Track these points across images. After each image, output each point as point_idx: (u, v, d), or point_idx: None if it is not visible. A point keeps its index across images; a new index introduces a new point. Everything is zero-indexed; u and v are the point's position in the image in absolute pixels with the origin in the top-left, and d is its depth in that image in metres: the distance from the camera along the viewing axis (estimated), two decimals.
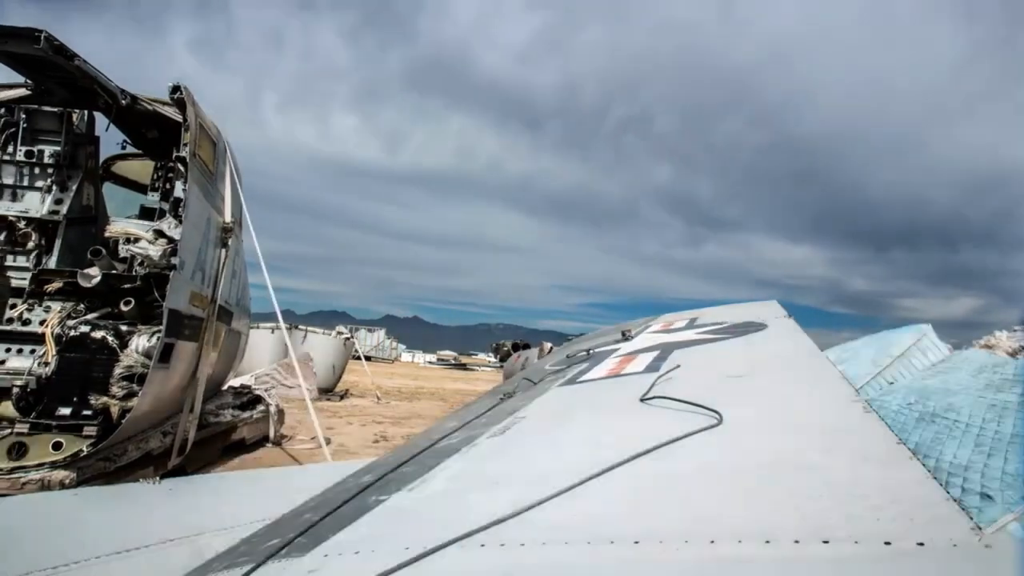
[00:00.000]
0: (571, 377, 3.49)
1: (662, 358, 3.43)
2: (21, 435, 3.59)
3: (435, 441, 2.55)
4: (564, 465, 1.82)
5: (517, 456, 2.00)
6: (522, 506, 1.42)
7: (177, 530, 2.71)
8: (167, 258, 4.11)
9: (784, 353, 3.12)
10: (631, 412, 2.31)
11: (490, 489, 1.66)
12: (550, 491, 1.51)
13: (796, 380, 2.43)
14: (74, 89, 4.66)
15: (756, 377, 2.59)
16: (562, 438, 2.15)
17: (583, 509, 1.39)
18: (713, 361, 3.13)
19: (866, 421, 1.75)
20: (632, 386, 2.87)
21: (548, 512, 1.39)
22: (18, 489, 3.42)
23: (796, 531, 1.09)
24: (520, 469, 1.82)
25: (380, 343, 45.26)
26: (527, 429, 2.35)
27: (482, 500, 1.59)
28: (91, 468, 3.82)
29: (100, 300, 4.51)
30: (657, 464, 1.65)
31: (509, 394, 3.39)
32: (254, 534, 2.08)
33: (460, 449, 2.19)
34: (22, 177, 4.96)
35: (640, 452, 1.69)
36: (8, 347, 4.36)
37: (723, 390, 2.40)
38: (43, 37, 3.85)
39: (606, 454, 1.82)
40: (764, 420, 1.96)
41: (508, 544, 1.22)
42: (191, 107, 4.21)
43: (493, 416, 2.77)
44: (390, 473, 2.11)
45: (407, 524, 1.50)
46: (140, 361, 3.82)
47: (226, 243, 5.04)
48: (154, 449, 4.48)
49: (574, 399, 2.91)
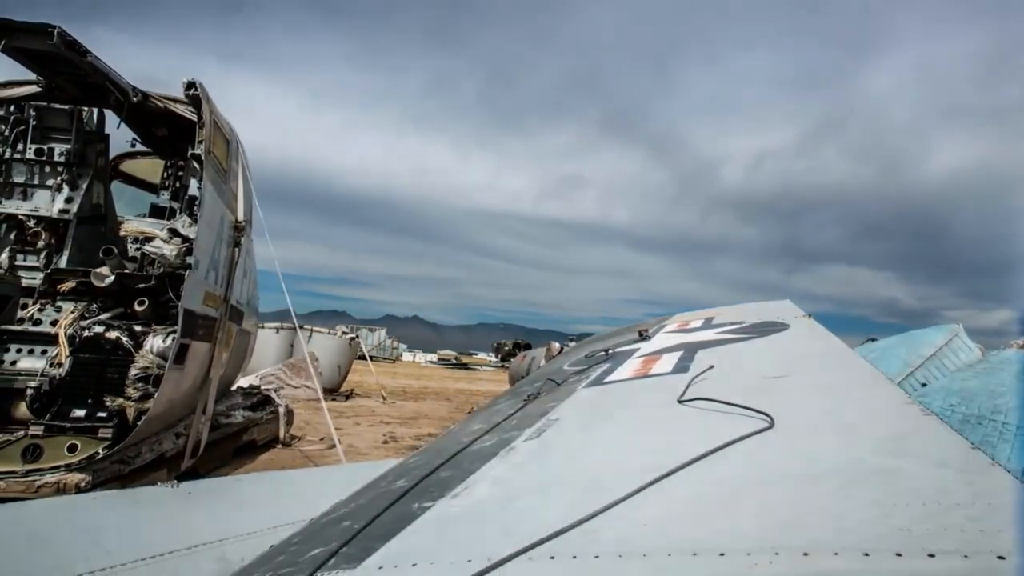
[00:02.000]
0: (596, 378, 3.42)
1: (688, 358, 3.36)
2: (36, 437, 3.53)
3: (466, 444, 2.48)
4: (615, 470, 1.75)
5: (561, 460, 1.94)
6: (583, 514, 1.35)
7: (200, 535, 2.65)
8: (182, 257, 4.05)
9: (817, 353, 3.05)
10: (671, 414, 2.24)
11: (541, 496, 1.60)
12: (608, 498, 1.44)
13: (838, 381, 2.36)
14: (85, 86, 4.61)
15: (795, 378, 2.52)
16: (604, 441, 2.08)
17: (650, 517, 1.33)
18: (745, 361, 3.06)
19: (929, 424, 1.68)
20: (664, 387, 2.80)
21: (613, 520, 1.32)
22: (33, 492, 3.36)
23: (895, 543, 1.03)
24: (569, 474, 1.75)
25: (381, 342, 45.26)
26: (564, 431, 2.29)
27: (535, 507, 1.52)
28: (106, 471, 3.76)
29: (113, 300, 4.45)
30: (715, 469, 1.58)
31: (534, 395, 3.32)
32: (287, 542, 2.01)
33: (497, 453, 2.12)
34: (32, 175, 4.91)
35: (696, 456, 1.62)
36: (20, 347, 4.30)
37: (763, 391, 2.33)
38: (56, 33, 3.79)
39: (656, 458, 1.75)
40: (818, 423, 1.89)
41: (580, 556, 1.15)
42: (206, 104, 4.14)
43: (523, 418, 2.70)
44: (427, 478, 2.04)
45: (461, 534, 1.43)
46: (156, 362, 3.75)
47: (238, 242, 4.98)
48: (167, 451, 4.42)
49: (605, 400, 2.84)
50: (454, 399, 16.59)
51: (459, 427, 3.45)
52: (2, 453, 3.40)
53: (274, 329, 13.21)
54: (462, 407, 14.51)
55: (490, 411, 3.46)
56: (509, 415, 2.91)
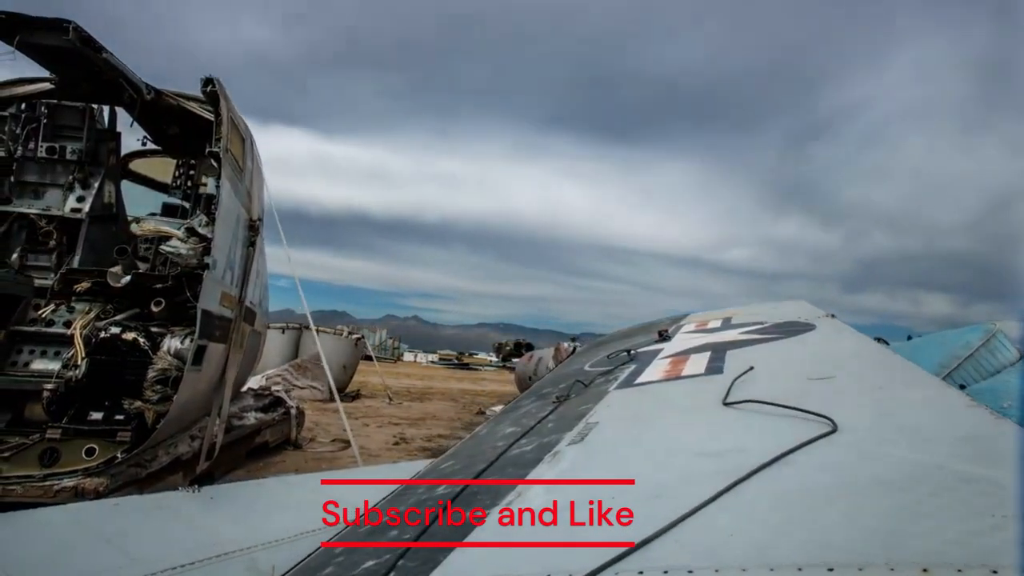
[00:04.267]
0: (625, 379, 3.35)
1: (718, 359, 3.29)
2: (53, 441, 3.45)
3: (503, 448, 2.41)
4: (677, 477, 1.68)
5: (614, 466, 1.86)
6: (660, 524, 1.28)
7: (227, 543, 2.57)
8: (199, 257, 3.98)
9: (856, 353, 2.98)
10: (719, 417, 2.17)
11: (602, 505, 1.52)
12: (678, 505, 1.37)
13: (891, 383, 2.29)
14: (98, 83, 4.53)
15: (841, 379, 2.45)
16: (654, 445, 2.01)
17: (731, 526, 1.26)
18: (782, 362, 2.99)
19: (1004, 427, 1.61)
20: (701, 389, 2.73)
21: (694, 530, 1.25)
22: (51, 497, 3.28)
23: (1007, 558, 0.96)
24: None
25: (382, 342, 45.22)
26: (608, 436, 2.21)
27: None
28: (123, 475, 3.69)
29: (127, 300, 4.38)
30: (784, 475, 1.51)
31: (563, 396, 3.25)
32: (329, 552, 1.94)
33: (542, 458, 2.05)
34: (44, 174, 4.83)
35: (766, 462, 1.55)
36: (33, 349, 4.22)
37: (811, 394, 2.25)
38: (72, 28, 3.71)
39: (717, 463, 1.69)
40: (881, 426, 1.82)
41: (672, 570, 1.08)
42: (224, 101, 4.07)
43: (560, 421, 2.63)
44: (472, 485, 1.97)
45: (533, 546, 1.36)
46: (174, 364, 3.68)
47: (253, 241, 4.90)
48: (183, 454, 4.35)
49: (642, 402, 2.77)
50: (460, 399, 16.52)
51: (486, 430, 3.37)
52: (19, 457, 3.32)
53: (279, 329, 13.12)
54: (469, 407, 14.43)
55: (517, 413, 3.38)
56: (542, 418, 2.84)
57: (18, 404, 3.96)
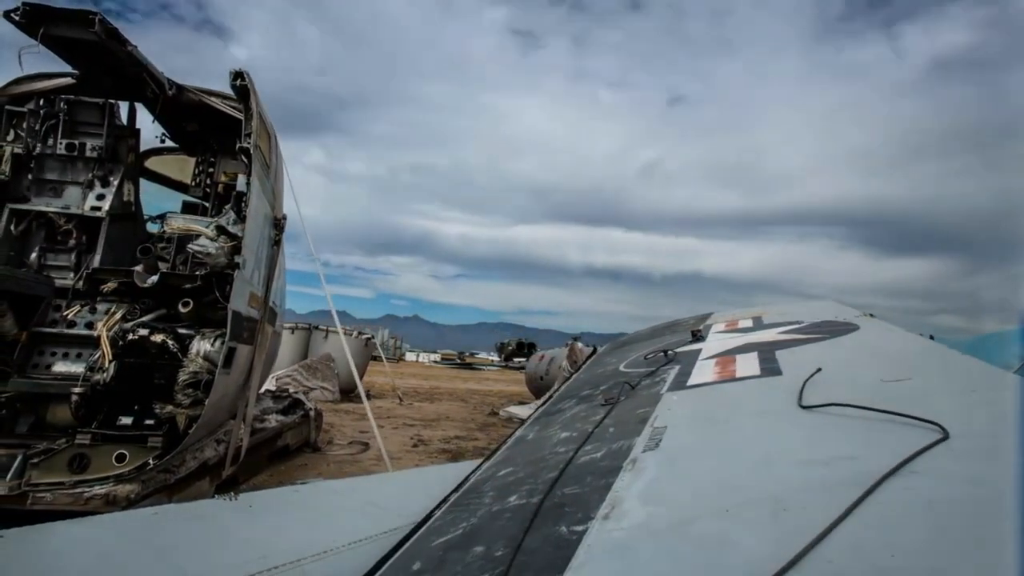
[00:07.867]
0: (675, 381, 3.24)
1: (769, 360, 3.19)
2: (82, 446, 3.34)
3: (567, 455, 2.30)
4: (784, 488, 1.57)
5: (707, 475, 1.75)
6: (795, 542, 1.17)
7: (275, 555, 2.45)
8: (228, 256, 3.86)
9: (922, 353, 2.87)
10: (801, 420, 2.07)
11: (722, 518, 1.41)
12: (802, 520, 1.27)
13: (980, 387, 2.18)
14: (120, 78, 4.41)
15: (918, 380, 2.34)
16: (743, 453, 1.90)
17: (885, 542, 1.15)
18: (846, 363, 2.88)
19: None
20: (766, 391, 2.63)
21: (834, 549, 1.14)
22: (82, 505, 3.17)
23: None
24: (732, 492, 1.57)
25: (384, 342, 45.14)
26: (685, 441, 2.11)
27: (726, 532, 1.34)
28: (152, 481, 3.57)
29: (151, 301, 4.26)
30: (912, 486, 1.40)
31: (613, 399, 3.14)
32: (396, 567, 1.83)
33: (621, 466, 1.94)
34: (63, 171, 4.71)
35: (887, 472, 1.44)
36: (55, 351, 4.11)
37: (892, 396, 2.14)
38: (98, 20, 3.60)
39: (827, 472, 1.58)
40: (991, 432, 1.71)
41: None
42: (253, 95, 3.95)
43: (622, 426, 2.52)
44: (549, 494, 1.86)
45: (650, 568, 1.25)
46: (205, 367, 3.56)
47: (278, 240, 4.79)
48: (209, 459, 4.24)
49: (706, 405, 2.65)
50: (468, 400, 16.40)
51: (532, 433, 3.26)
52: (48, 463, 3.21)
53: (288, 329, 12.99)
54: (480, 408, 14.32)
55: (564, 417, 3.27)
56: (599, 422, 2.73)
57: (40, 407, 3.85)
